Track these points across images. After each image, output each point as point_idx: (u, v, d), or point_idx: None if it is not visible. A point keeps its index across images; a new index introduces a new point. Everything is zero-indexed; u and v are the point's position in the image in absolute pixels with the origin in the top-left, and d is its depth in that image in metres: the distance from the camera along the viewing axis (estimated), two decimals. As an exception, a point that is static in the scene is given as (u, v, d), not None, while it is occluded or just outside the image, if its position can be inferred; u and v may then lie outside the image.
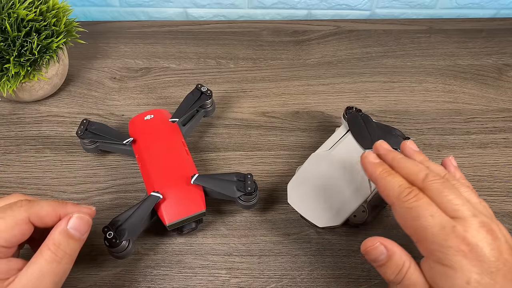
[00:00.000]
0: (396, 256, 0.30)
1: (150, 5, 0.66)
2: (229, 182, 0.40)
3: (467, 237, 0.27)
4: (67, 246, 0.31)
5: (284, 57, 0.59)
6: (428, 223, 0.28)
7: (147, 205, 0.38)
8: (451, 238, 0.27)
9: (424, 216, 0.29)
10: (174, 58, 0.59)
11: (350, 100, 0.54)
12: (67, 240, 0.31)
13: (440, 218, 0.28)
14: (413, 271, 0.29)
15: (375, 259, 0.31)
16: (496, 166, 0.47)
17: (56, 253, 0.30)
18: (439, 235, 0.28)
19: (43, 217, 0.32)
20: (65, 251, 0.31)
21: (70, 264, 0.31)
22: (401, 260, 0.30)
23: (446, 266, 0.27)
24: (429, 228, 0.28)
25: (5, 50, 0.45)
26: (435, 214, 0.29)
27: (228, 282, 0.38)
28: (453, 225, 0.28)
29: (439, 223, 0.28)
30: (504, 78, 0.56)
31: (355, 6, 0.66)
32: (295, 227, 0.42)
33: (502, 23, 0.64)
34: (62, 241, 0.31)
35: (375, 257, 0.31)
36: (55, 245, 0.31)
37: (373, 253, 0.31)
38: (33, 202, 0.32)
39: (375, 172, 0.33)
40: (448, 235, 0.28)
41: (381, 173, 0.33)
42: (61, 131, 0.50)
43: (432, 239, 0.28)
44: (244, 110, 0.52)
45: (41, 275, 0.29)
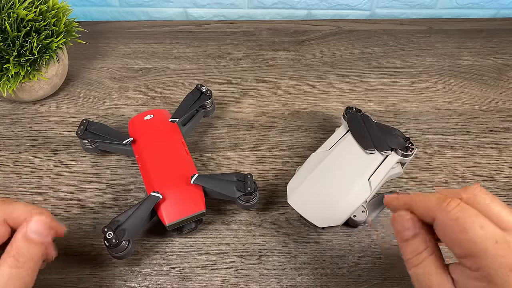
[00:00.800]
0: (421, 238, 0.28)
1: (150, 5, 0.66)
2: (229, 182, 0.40)
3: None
4: (29, 251, 0.30)
5: (284, 57, 0.59)
6: (478, 236, 0.25)
7: (147, 205, 0.38)
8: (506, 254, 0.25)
9: (474, 228, 0.25)
10: (174, 58, 0.59)
11: (350, 100, 0.54)
12: (28, 245, 0.30)
13: (492, 230, 0.25)
14: (432, 263, 0.28)
15: (400, 230, 0.29)
16: (496, 166, 0.47)
17: (18, 259, 0.30)
18: (492, 250, 0.25)
19: (15, 218, 0.32)
20: (26, 256, 0.30)
21: (35, 269, 0.31)
22: (425, 245, 0.28)
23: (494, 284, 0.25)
24: (479, 243, 0.25)
25: (5, 50, 0.45)
26: (485, 225, 0.25)
27: (228, 282, 0.38)
28: (506, 239, 0.25)
29: (492, 236, 0.25)
30: (504, 78, 0.56)
31: (355, 6, 0.66)
32: (295, 227, 0.42)
33: (502, 23, 0.64)
34: (23, 247, 0.30)
35: (400, 229, 0.29)
36: (16, 250, 0.30)
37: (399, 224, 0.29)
38: (7, 202, 0.32)
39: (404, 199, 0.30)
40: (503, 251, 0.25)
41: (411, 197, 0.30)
42: (61, 131, 0.50)
43: (484, 254, 0.25)
44: (244, 110, 0.52)
45: (4, 281, 0.29)
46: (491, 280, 0.25)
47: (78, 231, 0.42)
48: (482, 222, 0.26)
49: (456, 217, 0.26)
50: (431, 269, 0.27)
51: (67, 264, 0.39)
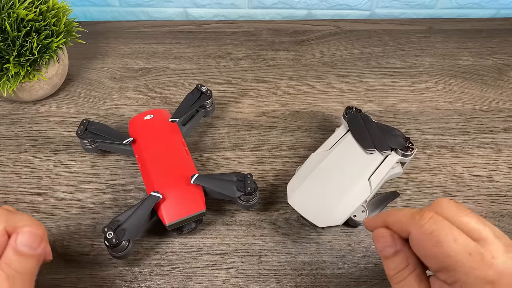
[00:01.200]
0: (402, 255, 0.29)
1: (150, 5, 0.66)
2: (229, 182, 0.40)
3: (495, 264, 0.25)
4: (19, 265, 0.29)
5: (284, 57, 0.59)
6: (453, 250, 0.25)
7: (147, 205, 0.38)
8: (480, 266, 0.25)
9: (447, 242, 0.26)
10: (174, 58, 0.59)
11: (350, 100, 0.54)
12: (18, 258, 0.30)
13: (464, 243, 0.25)
14: (415, 279, 0.28)
15: (381, 249, 0.30)
16: (496, 166, 0.47)
17: (8, 272, 0.29)
18: (466, 263, 0.25)
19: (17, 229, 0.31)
20: (16, 270, 0.29)
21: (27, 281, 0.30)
22: (406, 262, 0.28)
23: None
24: (453, 256, 0.25)
25: (5, 50, 0.45)
26: (458, 238, 0.26)
27: (228, 282, 0.38)
28: (479, 251, 0.25)
29: (465, 249, 0.25)
30: (504, 78, 0.56)
31: (355, 6, 0.66)
32: (295, 227, 0.42)
33: (502, 23, 0.64)
34: (13, 260, 0.29)
35: (381, 247, 0.30)
36: (6, 264, 0.29)
37: (380, 242, 0.30)
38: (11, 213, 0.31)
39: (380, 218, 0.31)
40: (476, 263, 0.25)
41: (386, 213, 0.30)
42: (61, 131, 0.50)
43: (458, 268, 0.25)
44: (244, 110, 0.52)
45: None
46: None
47: (78, 231, 0.42)
48: (456, 235, 0.26)
49: (430, 231, 0.26)
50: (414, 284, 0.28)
51: (67, 264, 0.39)
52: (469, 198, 0.44)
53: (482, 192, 0.44)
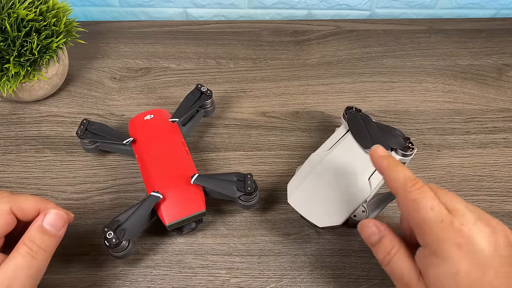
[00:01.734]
0: (386, 239, 0.32)
1: (150, 5, 0.66)
2: (229, 182, 0.40)
3: (463, 230, 0.28)
4: (42, 242, 0.32)
5: (284, 57, 0.59)
6: (428, 216, 0.29)
7: (147, 205, 0.38)
8: (448, 230, 0.28)
9: (425, 209, 0.29)
10: (174, 58, 0.59)
11: (350, 100, 0.54)
12: (42, 235, 0.32)
13: (440, 212, 0.29)
14: (400, 255, 0.31)
15: (367, 237, 0.33)
16: (496, 166, 0.47)
17: (31, 248, 0.31)
18: (437, 227, 0.29)
19: (24, 209, 0.33)
20: (39, 246, 0.32)
21: (46, 260, 0.32)
22: (391, 244, 0.32)
23: (439, 256, 0.28)
24: (427, 221, 0.29)
25: (5, 50, 0.45)
26: (435, 207, 0.29)
27: (228, 282, 0.38)
28: (450, 219, 0.29)
29: (438, 216, 0.29)
30: (504, 78, 0.56)
31: (355, 6, 0.66)
32: (295, 227, 0.42)
33: (502, 23, 0.64)
34: (37, 237, 0.32)
35: (367, 236, 0.33)
36: (31, 240, 0.31)
37: (365, 231, 0.33)
38: (15, 194, 0.34)
39: (383, 163, 0.34)
40: (446, 228, 0.28)
41: (388, 164, 0.33)
42: (61, 131, 0.50)
43: (430, 231, 0.29)
44: (244, 110, 0.52)
45: (16, 270, 0.30)
46: (436, 254, 0.28)
47: (78, 231, 0.42)
48: (434, 204, 0.29)
49: (414, 198, 0.30)
50: (401, 261, 0.31)
51: (67, 264, 0.39)
52: (469, 198, 0.44)
53: (482, 192, 0.44)
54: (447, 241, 0.28)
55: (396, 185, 0.32)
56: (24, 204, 0.33)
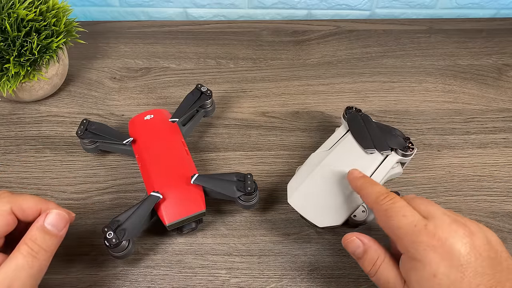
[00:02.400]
0: (371, 251, 0.33)
1: (150, 5, 0.66)
2: (229, 182, 0.40)
3: (437, 233, 0.29)
4: (43, 242, 0.32)
5: (284, 57, 0.59)
6: (402, 223, 0.30)
7: (147, 205, 0.38)
8: (422, 234, 0.29)
9: (397, 216, 0.31)
10: (174, 58, 0.59)
11: (350, 100, 0.54)
12: (44, 235, 0.32)
13: (413, 218, 0.30)
14: (386, 265, 0.32)
15: (352, 252, 0.34)
16: (496, 166, 0.47)
17: (32, 247, 0.31)
18: (411, 232, 0.30)
19: (25, 210, 0.33)
20: (41, 246, 0.32)
21: (47, 260, 0.32)
22: (376, 255, 0.33)
23: (416, 260, 0.29)
24: (402, 227, 0.30)
25: (5, 50, 0.45)
26: (407, 214, 0.30)
27: (228, 282, 0.38)
28: (425, 223, 0.30)
29: (412, 222, 0.30)
30: (504, 78, 0.56)
31: (355, 6, 0.66)
32: (295, 227, 0.42)
33: (502, 23, 0.64)
34: (38, 237, 0.32)
35: (352, 250, 0.34)
36: (32, 240, 0.32)
37: (350, 246, 0.34)
38: (16, 194, 0.34)
39: (357, 183, 0.36)
40: (420, 232, 0.29)
41: (362, 184, 0.36)
42: (61, 131, 0.50)
43: (405, 237, 0.30)
44: (244, 110, 0.52)
45: (16, 269, 0.30)
46: (413, 258, 0.29)
47: (78, 231, 0.42)
48: (406, 211, 0.31)
49: (385, 208, 0.32)
50: (387, 271, 0.32)
51: (67, 264, 0.39)
52: (469, 198, 0.44)
53: (482, 192, 0.44)
54: (422, 244, 0.29)
55: (370, 200, 0.34)
56: (25, 205, 0.33)
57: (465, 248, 0.28)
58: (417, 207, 0.31)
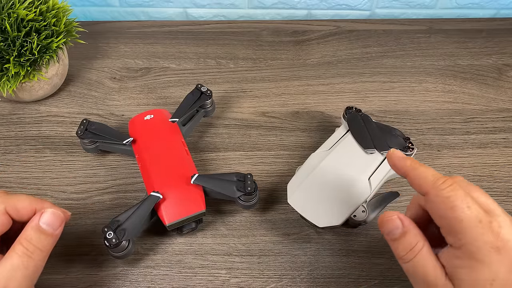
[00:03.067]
0: (411, 234, 0.30)
1: (150, 5, 0.66)
2: (229, 182, 0.40)
3: (501, 233, 0.26)
4: (39, 241, 0.31)
5: (284, 57, 0.59)
6: (465, 215, 0.27)
7: (147, 205, 0.38)
8: (488, 233, 0.26)
9: (461, 207, 0.27)
10: (174, 58, 0.59)
11: (350, 100, 0.54)
12: (39, 235, 0.32)
13: (477, 212, 0.27)
14: (425, 254, 0.29)
15: (389, 231, 0.30)
16: (496, 166, 0.47)
17: (28, 247, 0.31)
18: (475, 228, 0.27)
19: (19, 210, 0.33)
20: (36, 246, 0.31)
21: (42, 259, 0.32)
22: (415, 240, 0.29)
23: (475, 260, 0.27)
24: (465, 221, 0.27)
25: (5, 50, 0.45)
26: (472, 206, 0.27)
27: (228, 282, 0.38)
28: (489, 220, 0.27)
29: (476, 216, 0.27)
30: (504, 78, 0.56)
31: (355, 6, 0.66)
32: (295, 227, 0.42)
33: (502, 23, 0.64)
34: (33, 236, 0.31)
35: (390, 230, 0.30)
36: (27, 239, 0.31)
37: (388, 225, 0.30)
38: (10, 194, 0.33)
39: (406, 164, 0.32)
40: (484, 229, 0.27)
41: (412, 164, 0.32)
42: (61, 131, 0.50)
43: (467, 232, 0.27)
44: (244, 110, 0.52)
45: (12, 270, 0.30)
46: (473, 257, 0.27)
47: (78, 231, 0.42)
48: (470, 203, 0.27)
49: (447, 195, 0.28)
50: (425, 260, 0.29)
51: (67, 264, 0.39)
52: (469, 198, 0.44)
53: (482, 192, 0.44)
54: (487, 244, 0.26)
55: (426, 183, 0.30)
56: (19, 204, 0.33)
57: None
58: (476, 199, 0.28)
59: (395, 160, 0.33)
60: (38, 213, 0.33)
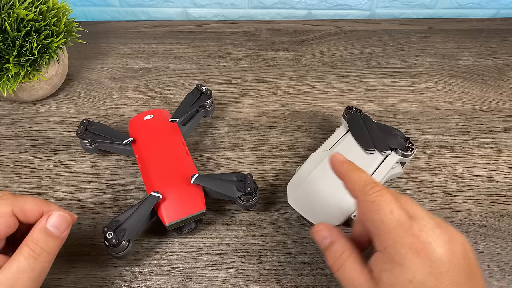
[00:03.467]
0: (337, 244, 0.31)
1: (150, 5, 0.66)
2: (229, 182, 0.40)
3: (421, 236, 0.27)
4: (45, 244, 0.32)
5: (284, 57, 0.59)
6: (387, 219, 0.28)
7: (147, 205, 0.38)
8: (407, 235, 0.27)
9: (384, 211, 0.29)
10: (174, 58, 0.59)
11: (350, 100, 0.54)
12: (46, 237, 0.32)
13: (399, 216, 0.28)
14: (351, 263, 0.30)
15: (319, 241, 0.33)
16: (496, 166, 0.47)
17: (34, 249, 0.31)
18: (395, 231, 0.28)
19: (26, 212, 0.33)
20: (43, 248, 0.31)
21: (49, 262, 0.32)
22: (341, 250, 0.31)
23: (395, 262, 0.27)
24: (386, 224, 0.28)
25: (5, 50, 0.45)
26: (394, 210, 0.28)
27: (228, 282, 0.38)
28: (410, 224, 0.28)
29: (397, 220, 0.28)
30: (504, 78, 0.56)
31: (355, 6, 0.66)
32: (295, 227, 0.42)
33: (502, 23, 0.64)
34: (40, 238, 0.31)
35: (319, 240, 0.33)
36: (34, 242, 0.31)
37: (316, 235, 0.33)
38: (17, 196, 0.33)
39: (342, 167, 0.33)
40: (404, 232, 0.28)
41: (347, 168, 0.33)
42: (61, 131, 0.50)
43: (388, 235, 0.28)
44: (244, 110, 0.52)
45: (18, 272, 0.30)
46: (393, 259, 0.28)
47: (78, 231, 0.42)
48: (394, 208, 0.29)
49: (373, 200, 0.29)
50: (351, 267, 0.30)
51: (67, 264, 0.39)
52: (469, 198, 0.44)
53: (482, 192, 0.44)
54: (405, 246, 0.27)
55: (356, 187, 0.31)
56: (26, 206, 0.33)
57: (446, 255, 0.27)
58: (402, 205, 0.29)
59: (334, 162, 0.34)
60: (45, 216, 0.33)
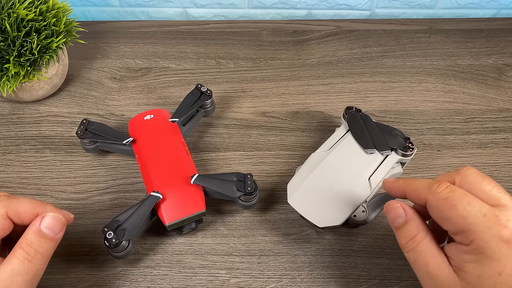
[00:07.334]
0: (413, 224, 0.30)
1: (150, 5, 0.66)
2: (229, 182, 0.40)
3: (509, 226, 0.26)
4: (39, 245, 0.31)
5: (284, 57, 0.59)
6: (467, 212, 0.27)
7: (147, 205, 0.38)
8: (495, 226, 0.26)
9: (462, 204, 0.27)
10: (174, 58, 0.59)
11: (350, 100, 0.54)
12: (40, 239, 0.31)
13: (479, 206, 0.27)
14: (426, 244, 0.29)
15: (393, 219, 0.31)
16: (496, 166, 0.47)
17: (28, 252, 0.31)
18: (481, 223, 0.26)
19: (21, 213, 0.32)
20: (37, 251, 0.31)
21: (43, 264, 0.31)
22: (417, 230, 0.30)
23: (484, 254, 0.26)
24: (468, 217, 0.27)
25: (5, 50, 0.45)
26: (472, 202, 0.27)
27: (228, 282, 0.38)
28: (495, 213, 0.27)
29: (479, 210, 0.27)
30: (504, 78, 0.56)
31: (355, 6, 0.66)
32: (295, 227, 0.42)
33: (502, 23, 0.64)
34: (34, 240, 0.31)
35: (393, 217, 0.31)
36: (27, 244, 0.31)
37: (391, 213, 0.31)
38: (12, 198, 0.33)
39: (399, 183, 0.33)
40: (491, 223, 0.26)
41: (404, 182, 0.32)
42: (61, 131, 0.50)
43: (473, 227, 0.27)
44: (244, 110, 0.52)
45: (12, 274, 0.30)
46: (482, 252, 0.26)
47: (78, 231, 0.42)
48: (470, 199, 0.28)
49: (445, 197, 0.28)
50: (426, 250, 0.29)
51: (67, 264, 0.39)
52: (469, 198, 0.44)
53: (482, 192, 0.44)
54: (495, 238, 0.26)
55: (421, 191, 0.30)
56: (21, 208, 0.32)
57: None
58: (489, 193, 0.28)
59: (390, 185, 0.34)
60: (39, 217, 0.32)
